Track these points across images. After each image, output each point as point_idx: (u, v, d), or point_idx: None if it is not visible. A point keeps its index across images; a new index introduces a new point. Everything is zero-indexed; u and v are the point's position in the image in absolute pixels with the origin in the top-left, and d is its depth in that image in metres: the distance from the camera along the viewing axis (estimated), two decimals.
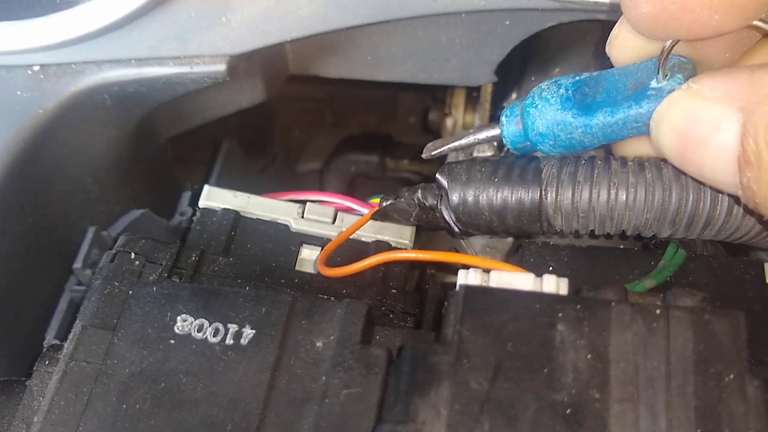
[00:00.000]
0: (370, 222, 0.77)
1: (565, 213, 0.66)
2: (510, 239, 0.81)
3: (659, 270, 0.66)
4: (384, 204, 0.73)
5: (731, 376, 0.53)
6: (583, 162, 0.66)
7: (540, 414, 0.52)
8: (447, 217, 0.70)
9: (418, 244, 0.82)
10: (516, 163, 0.68)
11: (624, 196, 0.64)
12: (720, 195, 0.63)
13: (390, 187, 0.94)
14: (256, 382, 0.59)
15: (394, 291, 0.72)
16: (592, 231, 0.67)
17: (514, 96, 0.94)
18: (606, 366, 0.54)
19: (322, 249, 0.76)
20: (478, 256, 0.80)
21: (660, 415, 0.52)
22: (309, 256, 0.78)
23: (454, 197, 0.68)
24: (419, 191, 0.72)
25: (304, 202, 0.80)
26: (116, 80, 0.79)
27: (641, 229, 0.65)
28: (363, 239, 0.77)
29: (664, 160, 0.62)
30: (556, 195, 0.65)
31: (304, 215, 0.78)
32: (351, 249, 0.76)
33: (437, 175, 0.70)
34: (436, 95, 1.18)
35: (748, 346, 0.55)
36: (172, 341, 0.61)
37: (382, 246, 0.76)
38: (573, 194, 0.65)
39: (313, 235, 0.78)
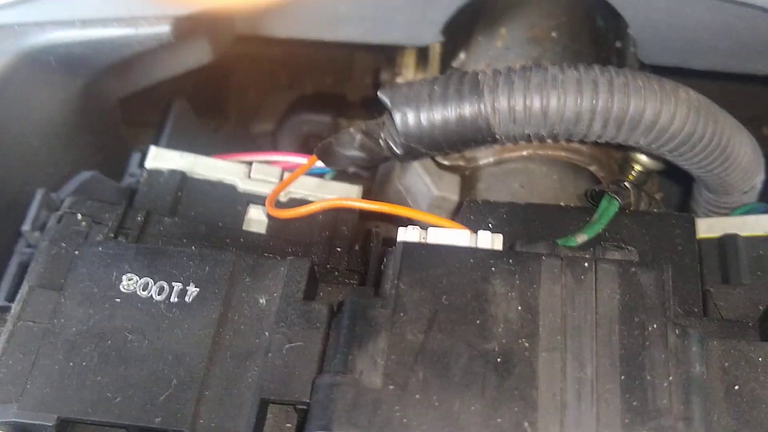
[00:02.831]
0: (318, 183, 0.79)
1: (503, 119, 0.68)
2: (454, 198, 0.83)
3: (591, 224, 0.68)
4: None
5: (654, 325, 0.56)
6: (518, 70, 0.69)
7: (472, 362, 0.54)
8: (390, 141, 0.72)
9: None
10: (454, 77, 0.71)
11: (555, 98, 0.68)
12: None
13: None
14: (200, 338, 0.61)
15: (339, 250, 0.74)
16: (528, 136, 0.71)
17: (462, 56, 0.95)
18: (535, 317, 0.56)
19: None
20: None
21: (586, 363, 0.54)
22: (256, 216, 0.79)
23: (397, 115, 0.70)
24: (361, 123, 0.74)
25: (251, 163, 0.81)
26: (61, 42, 0.79)
27: (572, 132, 0.70)
28: (310, 200, 0.78)
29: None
30: (495, 102, 0.68)
31: (251, 175, 0.79)
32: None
33: (379, 94, 0.72)
34: (388, 56, 1.19)
35: (672, 298, 0.58)
36: (118, 300, 0.63)
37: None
38: (509, 99, 0.68)
39: (260, 195, 0.79)
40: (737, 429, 0.55)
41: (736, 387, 0.57)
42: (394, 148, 0.74)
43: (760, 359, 0.57)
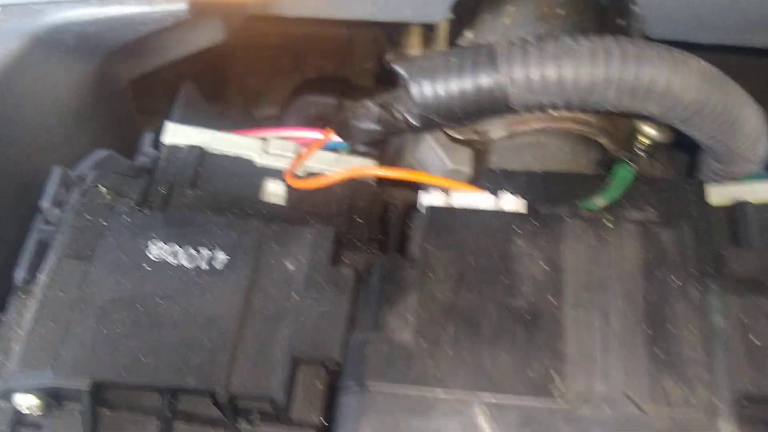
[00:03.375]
0: (335, 157, 0.80)
1: (520, 89, 0.70)
2: (468, 171, 0.85)
3: (609, 189, 0.70)
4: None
5: (676, 281, 0.58)
6: (533, 41, 0.70)
7: (501, 319, 0.56)
8: (406, 113, 0.73)
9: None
10: (469, 49, 0.72)
11: (570, 68, 0.69)
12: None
13: None
14: (231, 302, 0.62)
15: (360, 221, 0.75)
16: (544, 105, 0.72)
17: (468, 35, 0.97)
18: (561, 275, 0.58)
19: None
20: None
21: (611, 317, 0.56)
22: (274, 190, 0.80)
23: (414, 87, 0.71)
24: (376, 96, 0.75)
25: (266, 139, 0.82)
26: (77, 20, 0.79)
27: (587, 100, 0.71)
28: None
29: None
30: (511, 73, 0.69)
31: (268, 150, 0.81)
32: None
33: (394, 66, 0.73)
34: (392, 37, 1.20)
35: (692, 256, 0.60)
36: (148, 267, 0.64)
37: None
38: (526, 70, 0.69)
39: (277, 170, 0.80)
40: (758, 379, 0.57)
41: (756, 341, 0.58)
42: (411, 120, 0.75)
43: None
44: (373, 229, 0.75)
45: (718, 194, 0.78)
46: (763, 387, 0.57)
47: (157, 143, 0.85)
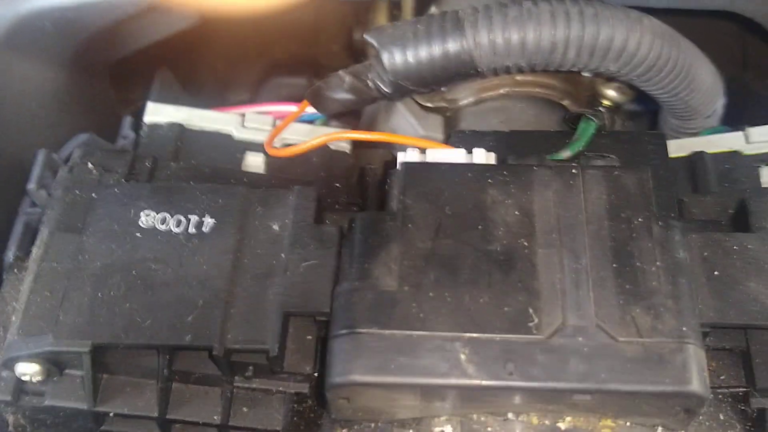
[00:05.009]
0: (310, 128, 0.83)
1: (485, 53, 0.74)
2: (439, 137, 0.88)
3: (573, 142, 0.74)
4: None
5: (640, 219, 0.62)
6: (496, 6, 0.75)
7: (478, 262, 0.60)
8: (378, 81, 0.76)
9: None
10: (436, 16, 0.76)
11: (531, 31, 0.73)
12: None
13: None
14: (220, 262, 0.65)
15: (338, 186, 0.78)
16: (509, 67, 0.76)
17: (433, 9, 1.00)
18: (531, 219, 0.62)
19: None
20: None
21: (581, 255, 0.60)
22: (253, 162, 0.83)
23: (385, 55, 0.75)
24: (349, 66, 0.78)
25: (243, 114, 0.85)
26: (57, 5, 0.82)
27: (549, 60, 0.76)
28: None
29: None
30: (476, 37, 0.74)
31: (245, 124, 0.84)
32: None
33: (365, 36, 0.76)
34: (359, 16, 1.23)
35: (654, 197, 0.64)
36: (139, 234, 0.66)
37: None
38: (489, 34, 0.74)
39: (255, 142, 0.83)
40: (720, 307, 0.61)
41: (716, 272, 0.62)
42: (383, 88, 0.78)
43: (735, 248, 0.63)
44: (352, 193, 0.78)
45: (678, 147, 0.83)
46: (725, 315, 0.61)
47: (136, 126, 0.88)
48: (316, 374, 0.65)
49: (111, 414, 0.65)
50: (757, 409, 0.63)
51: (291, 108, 0.87)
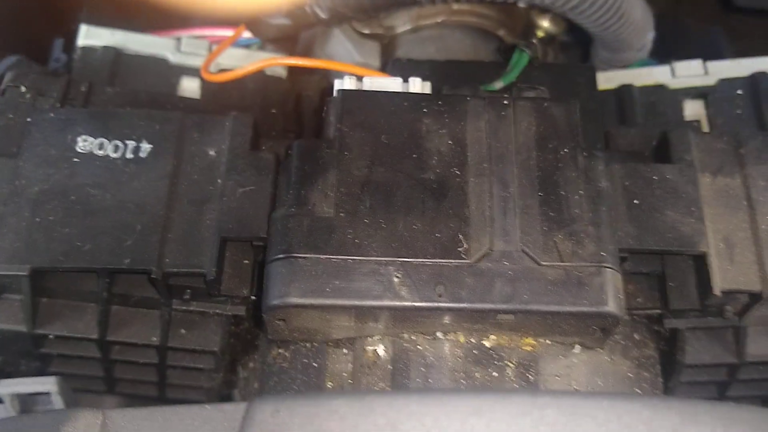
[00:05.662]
0: (246, 53, 0.84)
1: None
2: (376, 63, 0.89)
3: (506, 73, 0.76)
4: None
5: (566, 150, 0.64)
6: None
7: (412, 190, 0.62)
8: (316, 6, 0.77)
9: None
10: None
11: None
12: None
13: None
14: (157, 187, 0.65)
15: (274, 112, 0.79)
16: None
17: None
18: (464, 149, 0.64)
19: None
20: None
21: (509, 184, 0.63)
22: (189, 87, 0.83)
23: None
24: None
25: (179, 39, 0.85)
26: None
27: None
28: None
29: None
30: None
31: (181, 49, 0.83)
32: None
33: None
34: None
35: (580, 129, 0.66)
36: (76, 159, 0.66)
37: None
38: None
39: (191, 67, 0.83)
40: (638, 234, 0.64)
41: (636, 201, 0.66)
42: (320, 13, 0.78)
43: (655, 177, 0.67)
44: (288, 120, 0.79)
45: (607, 80, 0.85)
46: (642, 241, 0.64)
47: (68, 48, 0.87)
48: (253, 297, 0.66)
49: (51, 336, 0.66)
50: (670, 329, 0.67)
51: (227, 32, 0.86)
